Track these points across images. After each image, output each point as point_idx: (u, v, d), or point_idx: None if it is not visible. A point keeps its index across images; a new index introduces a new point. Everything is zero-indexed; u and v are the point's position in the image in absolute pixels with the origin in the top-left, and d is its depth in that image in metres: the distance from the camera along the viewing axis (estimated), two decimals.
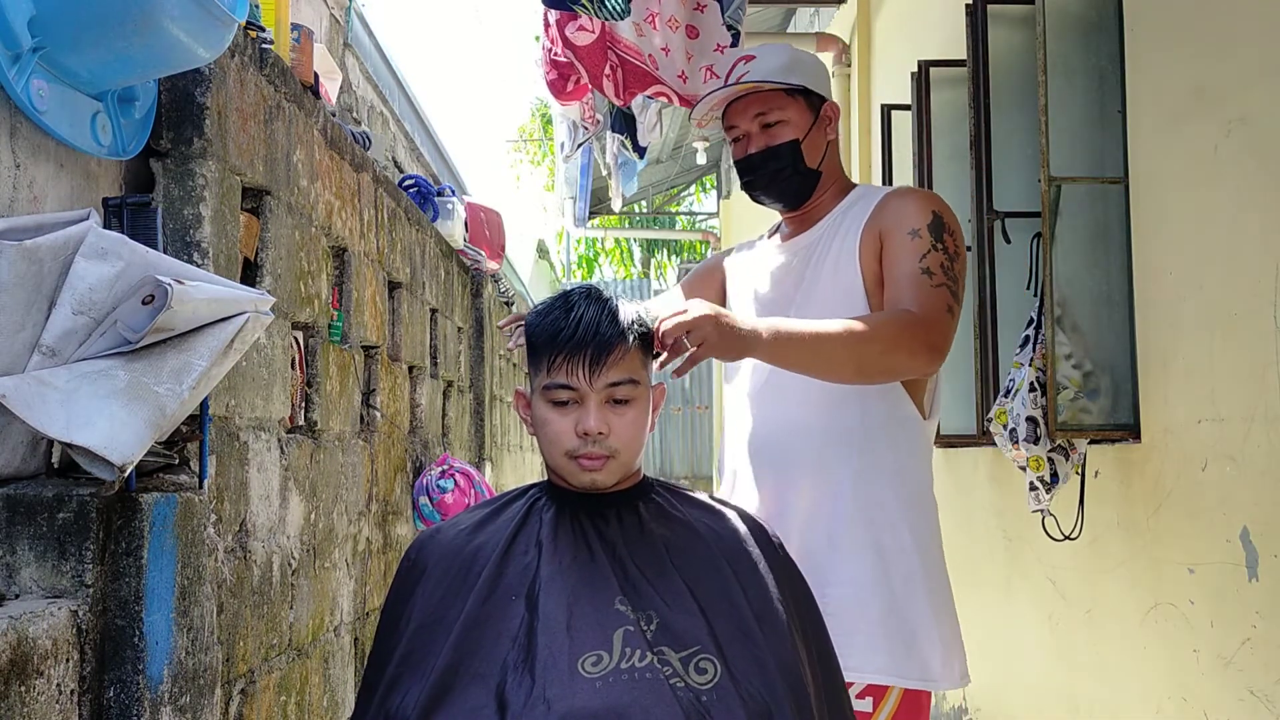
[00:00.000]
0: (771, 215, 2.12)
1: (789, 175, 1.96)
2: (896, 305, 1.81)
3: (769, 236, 2.13)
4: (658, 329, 1.52)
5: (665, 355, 1.54)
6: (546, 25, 3.43)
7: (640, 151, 5.16)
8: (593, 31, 3.22)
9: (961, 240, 1.91)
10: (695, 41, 3.20)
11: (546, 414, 1.46)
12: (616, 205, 6.15)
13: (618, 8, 2.79)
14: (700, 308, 1.56)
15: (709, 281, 2.19)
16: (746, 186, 2.01)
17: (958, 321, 1.85)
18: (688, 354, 1.54)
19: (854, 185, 2.05)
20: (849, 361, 1.72)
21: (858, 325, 1.73)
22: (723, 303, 2.11)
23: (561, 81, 3.63)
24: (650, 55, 3.19)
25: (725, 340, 1.57)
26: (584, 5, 2.79)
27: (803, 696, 1.39)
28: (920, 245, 1.84)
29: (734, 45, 3.16)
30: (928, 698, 1.85)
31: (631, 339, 1.47)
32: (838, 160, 2.05)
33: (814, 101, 1.98)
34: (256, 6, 2.55)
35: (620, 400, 1.45)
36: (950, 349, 1.82)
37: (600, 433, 1.43)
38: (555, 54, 3.46)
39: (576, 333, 1.44)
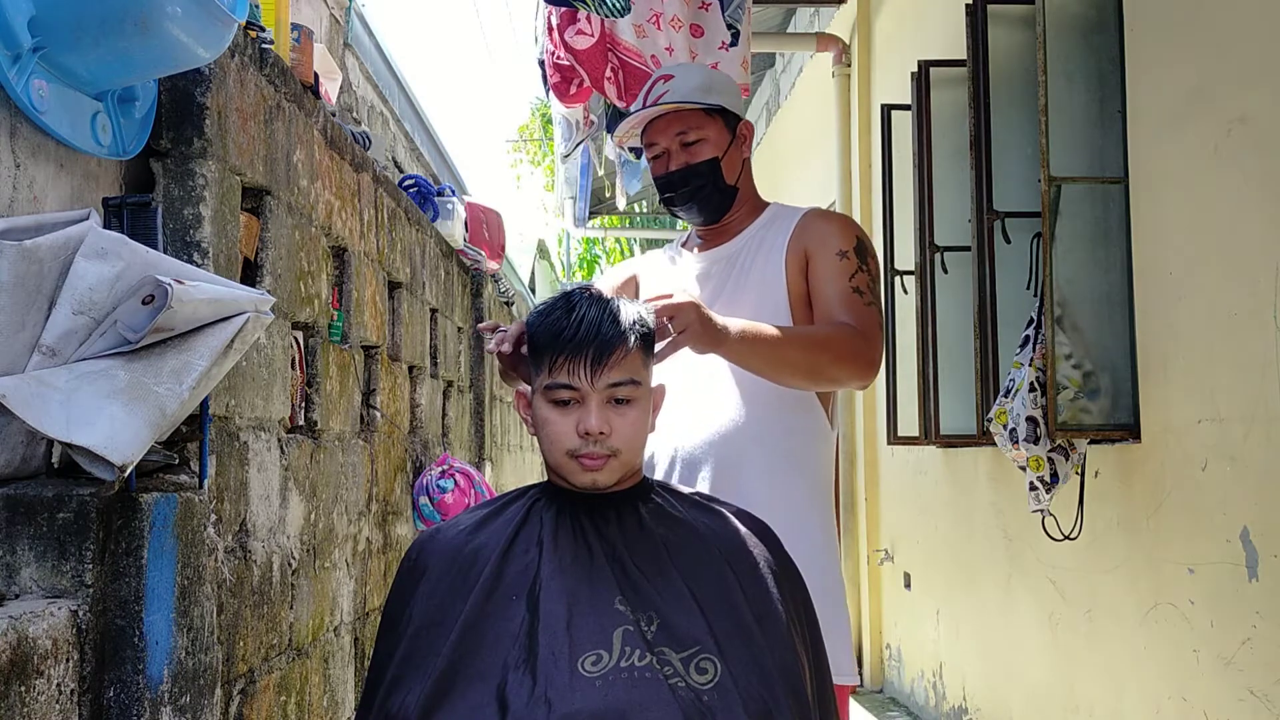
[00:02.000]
0: None
1: (709, 192, 2.04)
2: (832, 320, 1.92)
3: (682, 247, 2.20)
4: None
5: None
6: (549, 29, 3.43)
7: (638, 152, 5.15)
8: (592, 35, 3.22)
9: (879, 265, 2.06)
10: (700, 40, 3.20)
11: (548, 414, 1.46)
12: (621, 204, 6.16)
13: (618, 5, 2.79)
14: (684, 295, 1.64)
15: (623, 289, 2.20)
16: (666, 202, 2.08)
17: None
18: (669, 339, 1.60)
19: (767, 203, 2.15)
20: (802, 367, 1.83)
21: (813, 334, 1.85)
22: None
23: (565, 84, 3.63)
24: (653, 56, 3.20)
25: (706, 331, 1.66)
26: (585, 2, 2.79)
27: (802, 698, 1.39)
28: (848, 266, 1.96)
29: (733, 44, 3.16)
30: (846, 692, 1.93)
31: (633, 339, 1.47)
32: (751, 177, 2.14)
33: (731, 121, 2.06)
34: (256, 6, 2.55)
35: (621, 400, 1.45)
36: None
37: (601, 432, 1.43)
38: (558, 57, 3.46)
39: (578, 333, 1.44)
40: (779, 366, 1.81)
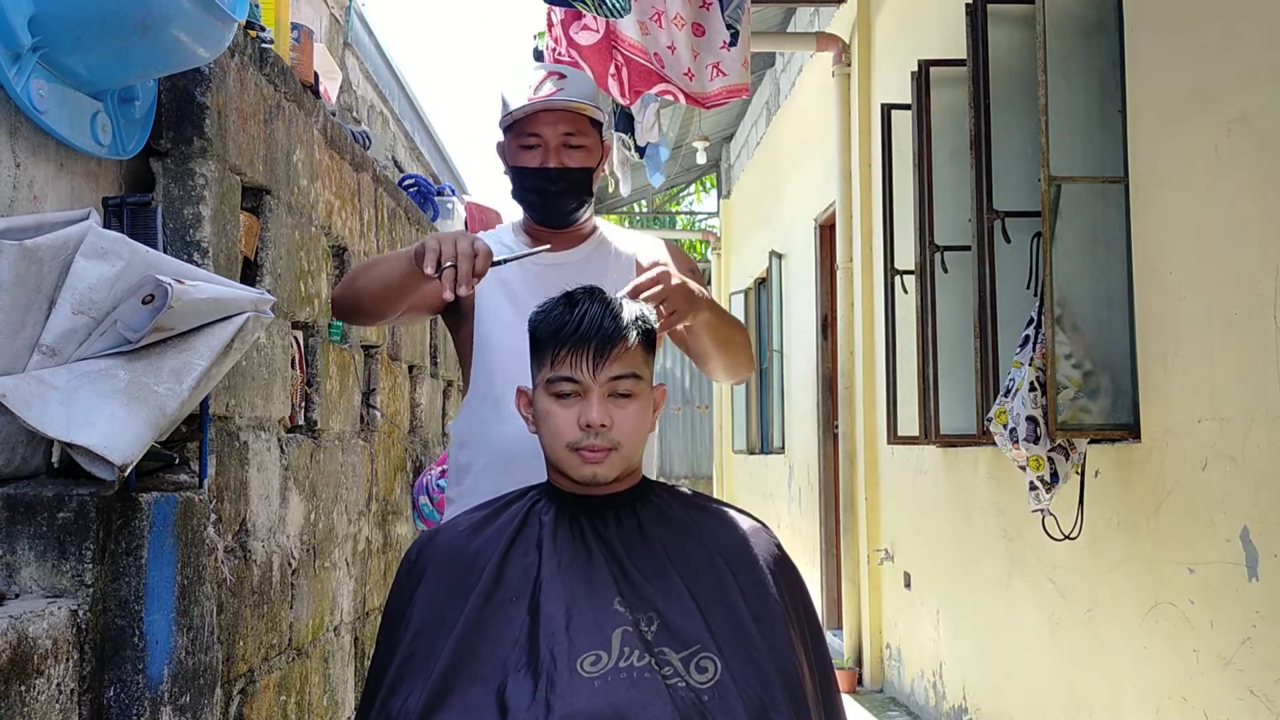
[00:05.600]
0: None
1: (574, 197, 2.03)
2: None
3: (515, 243, 2.10)
4: (632, 289, 1.61)
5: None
6: (550, 25, 3.44)
7: (640, 151, 5.14)
8: (597, 31, 3.22)
9: None
10: (702, 39, 3.21)
11: (549, 407, 1.47)
12: (625, 191, 6.25)
13: (618, 6, 2.79)
14: (673, 277, 1.67)
15: None
16: (530, 190, 2.00)
17: None
18: (661, 321, 1.62)
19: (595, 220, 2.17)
20: (740, 354, 1.87)
21: (739, 324, 1.89)
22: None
23: None
24: (656, 54, 3.20)
25: (691, 308, 1.68)
26: (585, 3, 2.79)
27: (799, 698, 1.39)
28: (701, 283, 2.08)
29: (733, 44, 3.16)
30: None
31: (634, 335, 1.47)
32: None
33: (600, 136, 2.07)
34: (256, 6, 2.55)
35: (622, 394, 1.46)
36: None
37: (603, 425, 1.44)
38: (559, 54, 3.46)
39: (580, 327, 1.45)
40: (724, 345, 1.83)
